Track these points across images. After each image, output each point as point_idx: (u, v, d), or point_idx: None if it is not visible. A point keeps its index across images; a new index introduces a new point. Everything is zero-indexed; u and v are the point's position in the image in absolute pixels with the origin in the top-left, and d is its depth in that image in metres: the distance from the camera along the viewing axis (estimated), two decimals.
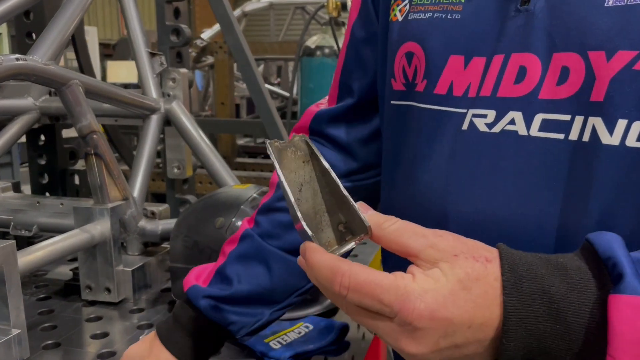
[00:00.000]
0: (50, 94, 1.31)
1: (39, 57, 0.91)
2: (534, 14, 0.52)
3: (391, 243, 0.45)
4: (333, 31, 1.95)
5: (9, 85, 1.26)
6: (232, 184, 1.19)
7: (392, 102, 0.66)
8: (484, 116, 0.54)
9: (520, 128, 0.53)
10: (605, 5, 0.48)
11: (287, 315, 0.92)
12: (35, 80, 0.89)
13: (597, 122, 0.49)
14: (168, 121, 1.23)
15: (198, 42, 2.85)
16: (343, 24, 2.05)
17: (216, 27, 3.10)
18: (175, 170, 1.31)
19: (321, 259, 0.44)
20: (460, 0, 0.58)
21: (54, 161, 1.43)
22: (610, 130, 0.48)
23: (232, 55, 1.58)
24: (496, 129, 0.54)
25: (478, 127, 0.55)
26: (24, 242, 1.17)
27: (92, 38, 6.96)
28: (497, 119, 0.54)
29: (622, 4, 0.48)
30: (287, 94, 2.96)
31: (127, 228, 1.05)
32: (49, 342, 0.88)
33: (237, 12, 3.16)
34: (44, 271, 1.18)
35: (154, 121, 1.18)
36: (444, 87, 0.58)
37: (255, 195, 0.98)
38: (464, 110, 0.56)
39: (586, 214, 0.50)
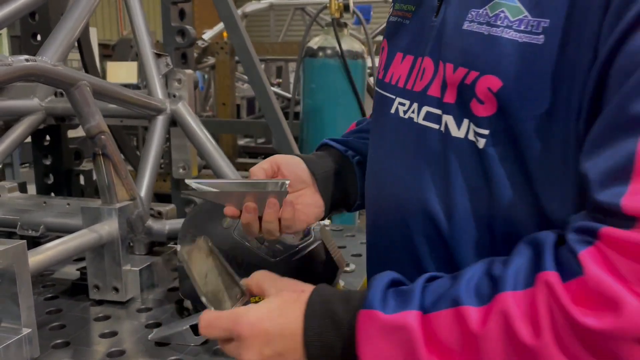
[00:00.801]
0: (55, 94, 1.31)
1: (48, 58, 0.92)
2: (435, 28, 0.64)
3: (256, 289, 0.64)
4: (335, 32, 1.96)
5: (15, 86, 1.27)
6: None
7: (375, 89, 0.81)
8: (404, 104, 0.67)
9: (415, 116, 0.65)
10: (463, 28, 0.59)
11: None
12: (44, 81, 0.90)
13: (449, 119, 0.61)
14: (174, 122, 1.24)
15: (199, 42, 2.85)
16: (345, 25, 2.06)
17: (217, 28, 3.11)
18: (181, 170, 1.32)
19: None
20: (411, 9, 0.70)
21: (59, 161, 1.43)
22: (458, 125, 0.60)
23: (237, 55, 1.59)
24: (406, 115, 0.67)
25: (399, 112, 0.68)
26: (30, 242, 1.17)
27: (92, 39, 6.92)
28: (409, 107, 0.67)
29: (471, 29, 0.58)
30: (288, 95, 2.97)
31: (134, 228, 1.06)
32: (59, 341, 0.88)
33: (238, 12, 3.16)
34: (50, 271, 1.18)
35: (160, 122, 1.19)
36: (389, 77, 0.72)
37: None
38: (393, 96, 0.69)
39: (450, 194, 0.62)
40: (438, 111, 0.62)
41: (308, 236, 0.97)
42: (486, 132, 0.57)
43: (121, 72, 5.42)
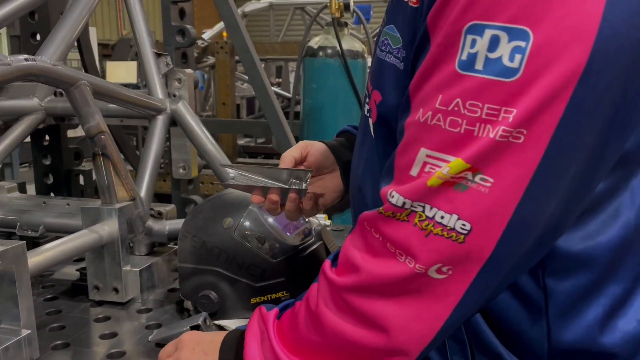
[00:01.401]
0: (55, 94, 1.31)
1: (47, 58, 0.91)
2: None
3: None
4: (336, 32, 1.95)
5: (15, 86, 1.26)
6: None
7: None
8: (368, 103, 0.73)
9: (366, 109, 0.72)
10: (376, 54, 0.67)
11: None
12: (44, 80, 0.89)
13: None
14: (174, 121, 1.23)
15: (199, 42, 2.85)
16: (346, 24, 2.05)
17: (217, 27, 3.10)
18: (181, 170, 1.32)
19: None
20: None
21: (58, 161, 1.43)
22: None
23: (237, 55, 1.58)
24: (365, 111, 0.72)
25: (364, 109, 0.73)
26: (30, 243, 1.17)
27: (91, 38, 6.91)
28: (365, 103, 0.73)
29: (377, 55, 0.66)
30: (288, 95, 2.97)
31: (134, 228, 1.06)
32: (58, 342, 0.88)
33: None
34: (50, 271, 1.18)
35: (160, 121, 1.18)
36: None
37: None
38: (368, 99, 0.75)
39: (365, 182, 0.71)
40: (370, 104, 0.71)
41: (309, 236, 0.97)
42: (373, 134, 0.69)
43: (121, 72, 5.41)
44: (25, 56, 0.87)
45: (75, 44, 1.41)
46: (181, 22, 1.29)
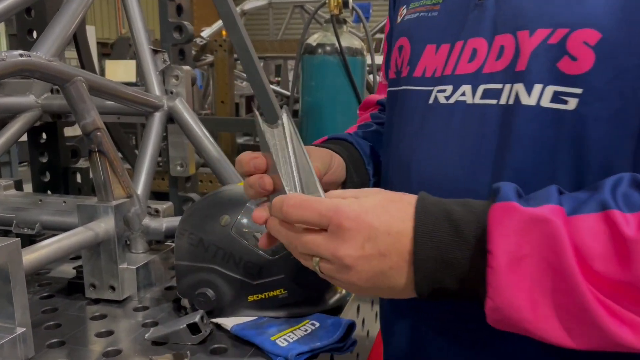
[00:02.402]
0: (52, 91, 1.30)
1: (43, 54, 0.90)
2: (486, 7, 0.64)
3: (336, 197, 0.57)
4: (335, 29, 1.94)
5: (11, 83, 1.25)
6: (236, 181, 1.18)
7: (388, 89, 0.79)
8: (444, 91, 0.67)
9: (468, 98, 0.64)
10: None
11: (292, 313, 0.92)
12: (39, 76, 0.88)
13: (519, 87, 0.59)
14: (171, 118, 1.23)
15: (198, 40, 2.84)
16: (345, 21, 2.04)
17: (216, 26, 3.09)
18: (178, 168, 1.31)
19: (279, 197, 0.58)
20: (438, 1, 0.71)
21: (55, 159, 1.42)
22: (529, 92, 0.58)
23: (236, 52, 1.57)
24: (452, 100, 0.66)
25: (439, 100, 0.67)
26: (26, 241, 1.16)
27: (90, 37, 6.91)
28: (453, 92, 0.66)
29: None
30: (287, 93, 2.96)
31: (131, 226, 1.05)
32: (54, 340, 0.87)
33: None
34: (46, 269, 1.17)
35: (157, 118, 1.18)
36: (420, 71, 0.71)
37: None
38: (431, 88, 0.69)
39: (504, 167, 0.60)
40: (498, 85, 0.61)
41: None
42: (579, 91, 0.55)
43: (120, 71, 5.40)
44: (20, 52, 0.86)
45: (73, 41, 1.41)
46: (178, 18, 1.28)
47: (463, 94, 0.64)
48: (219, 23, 3.04)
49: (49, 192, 1.44)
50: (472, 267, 0.50)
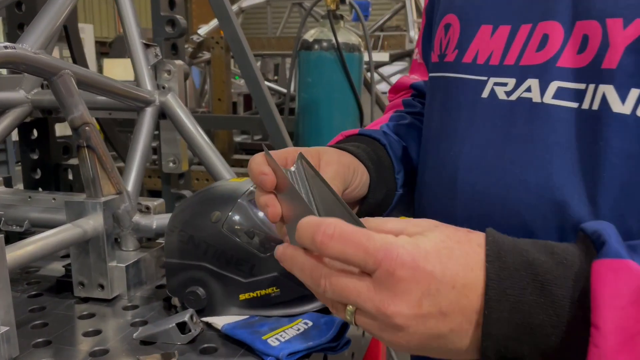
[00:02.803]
0: (42, 86, 1.28)
1: (29, 46, 0.88)
2: None
3: (378, 231, 0.44)
4: (332, 24, 1.92)
5: (1, 78, 1.23)
6: (229, 177, 1.16)
7: (430, 74, 0.68)
8: (504, 84, 0.55)
9: (534, 95, 0.52)
10: None
11: (285, 312, 0.90)
12: (24, 69, 0.86)
13: (608, 90, 0.48)
14: (163, 114, 1.20)
15: (194, 37, 2.82)
16: (342, 17, 2.02)
17: (213, 23, 3.07)
18: (171, 164, 1.29)
19: (309, 218, 0.44)
20: None
21: (46, 156, 1.40)
22: (622, 98, 0.47)
23: (229, 47, 1.55)
24: (513, 96, 0.54)
25: (497, 94, 0.55)
26: (15, 238, 1.14)
27: (89, 36, 6.94)
28: (516, 86, 0.54)
29: None
30: (284, 90, 2.94)
31: (120, 223, 1.03)
32: (40, 339, 0.85)
33: (234, 8, 3.13)
34: (35, 268, 1.15)
35: (149, 114, 1.15)
36: (471, 56, 0.59)
37: (252, 188, 0.95)
38: (485, 78, 0.56)
39: (597, 184, 0.48)
40: (579, 85, 0.49)
41: None
42: None
43: (118, 69, 5.38)
44: (5, 44, 0.84)
45: (64, 35, 1.39)
46: (171, 12, 1.26)
47: (528, 90, 0.53)
48: (215, 20, 3.01)
49: (40, 189, 1.42)
50: (564, 339, 0.39)
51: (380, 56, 2.96)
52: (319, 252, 0.43)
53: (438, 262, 0.41)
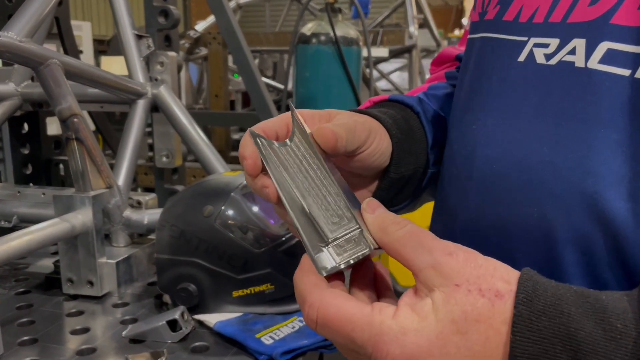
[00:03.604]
0: (32, 79, 1.25)
1: (15, 34, 0.85)
2: None
3: (393, 253, 0.37)
4: (329, 18, 1.89)
5: None
6: (222, 171, 1.13)
7: (468, 36, 0.57)
8: (546, 45, 0.45)
9: (578, 58, 0.43)
10: None
11: (280, 309, 0.87)
12: (9, 58, 0.83)
13: None
14: (156, 107, 1.17)
15: (191, 33, 2.78)
16: (340, 10, 1.99)
17: (210, 19, 3.03)
18: (164, 159, 1.26)
19: (299, 280, 0.39)
20: None
21: (38, 151, 1.37)
22: None
23: (224, 38, 1.52)
24: (553, 60, 0.44)
25: (536, 57, 0.46)
26: (3, 234, 1.11)
27: (86, 34, 6.90)
28: (559, 48, 0.44)
29: None
30: (282, 87, 2.91)
31: (111, 218, 1.00)
32: (26, 337, 0.82)
33: (232, 4, 3.10)
34: (24, 264, 1.12)
35: (141, 106, 1.12)
36: (513, 13, 0.49)
37: (246, 182, 0.92)
38: (525, 39, 0.47)
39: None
40: (636, 48, 0.40)
41: None
42: None
43: (115, 67, 5.35)
44: None
45: (55, 26, 1.36)
46: (164, 2, 1.22)
47: (572, 52, 0.43)
48: (213, 17, 2.98)
49: (31, 184, 1.39)
50: None
51: (380, 52, 2.93)
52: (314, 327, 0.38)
53: (443, 357, 0.33)
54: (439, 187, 0.59)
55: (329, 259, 0.39)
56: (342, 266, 0.39)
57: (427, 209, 0.63)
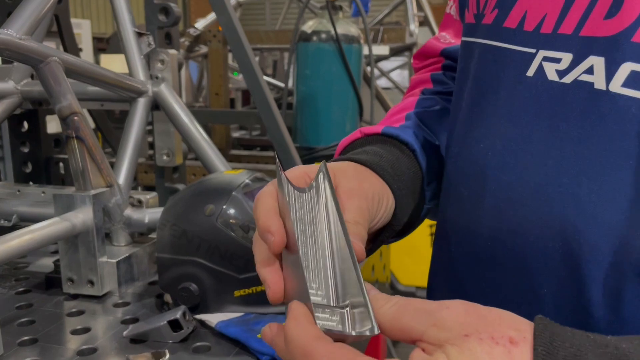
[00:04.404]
0: (32, 77, 1.24)
1: (14, 32, 0.84)
2: None
3: (392, 331, 0.35)
4: (330, 16, 1.88)
5: None
6: (223, 170, 1.12)
7: (463, 38, 0.54)
8: (558, 60, 0.41)
9: (597, 79, 0.39)
10: None
11: (281, 309, 0.87)
12: (8, 55, 0.83)
13: None
14: (157, 105, 1.17)
15: (191, 31, 2.77)
16: (341, 8, 1.98)
17: (210, 17, 3.02)
18: (165, 157, 1.25)
19: (295, 331, 0.36)
20: None
21: (37, 149, 1.36)
22: None
23: (225, 36, 1.51)
24: (568, 78, 0.40)
25: (547, 74, 0.42)
26: (4, 233, 1.10)
27: (86, 32, 6.90)
28: (573, 64, 0.40)
29: None
30: (281, 84, 2.90)
31: (111, 217, 0.99)
32: (26, 337, 0.81)
33: (232, 2, 3.09)
34: (25, 263, 1.12)
35: (141, 104, 1.12)
36: (516, 20, 0.44)
37: (247, 181, 0.92)
38: (533, 51, 0.43)
39: None
40: None
41: None
42: None
43: (115, 65, 5.34)
44: None
45: (55, 23, 1.35)
46: (164, 0, 1.22)
47: (589, 71, 0.39)
48: (213, 14, 2.97)
49: (31, 183, 1.38)
50: None
51: (380, 49, 2.92)
52: None
53: None
54: (443, 204, 0.58)
55: (334, 320, 0.38)
56: (346, 333, 0.37)
57: None
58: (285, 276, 0.40)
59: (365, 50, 2.19)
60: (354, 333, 0.37)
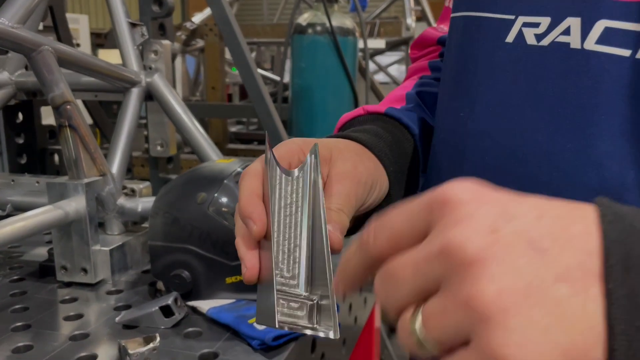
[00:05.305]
0: (26, 67, 1.24)
1: (6, 20, 0.85)
2: None
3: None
4: (325, 7, 1.88)
5: None
6: (215, 159, 1.13)
7: (451, 15, 0.54)
8: (536, 25, 0.41)
9: (573, 39, 0.39)
10: None
11: None
12: (1, 44, 0.83)
13: None
14: (150, 96, 1.17)
15: (188, 24, 2.78)
16: (336, 0, 1.99)
17: (207, 11, 3.02)
18: (158, 148, 1.26)
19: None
20: None
21: (32, 140, 1.37)
22: None
23: (219, 29, 1.51)
24: (545, 41, 0.41)
25: (526, 38, 0.42)
26: None
27: (84, 27, 6.87)
28: (551, 27, 0.41)
29: None
30: (277, 78, 2.90)
31: (104, 205, 1.00)
32: (19, 324, 0.82)
33: None
34: (19, 252, 1.12)
35: (135, 94, 1.12)
36: None
37: (239, 169, 0.92)
38: (512, 17, 0.43)
39: None
40: (636, 26, 0.37)
41: None
42: None
43: (113, 59, 5.33)
44: None
45: (49, 14, 1.35)
46: None
47: (566, 32, 0.40)
48: (209, 8, 2.97)
49: (25, 174, 1.39)
50: None
51: (376, 43, 2.92)
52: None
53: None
54: (427, 179, 0.58)
55: (299, 316, 0.39)
56: (286, 328, 0.38)
57: None
58: (261, 257, 0.41)
59: (361, 44, 2.20)
60: (316, 334, 0.40)
